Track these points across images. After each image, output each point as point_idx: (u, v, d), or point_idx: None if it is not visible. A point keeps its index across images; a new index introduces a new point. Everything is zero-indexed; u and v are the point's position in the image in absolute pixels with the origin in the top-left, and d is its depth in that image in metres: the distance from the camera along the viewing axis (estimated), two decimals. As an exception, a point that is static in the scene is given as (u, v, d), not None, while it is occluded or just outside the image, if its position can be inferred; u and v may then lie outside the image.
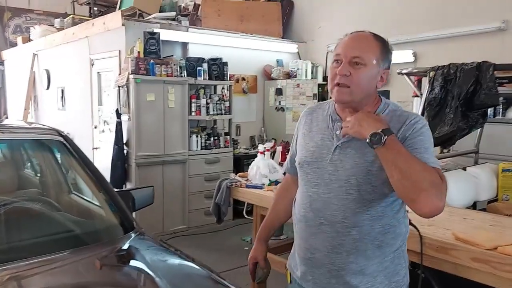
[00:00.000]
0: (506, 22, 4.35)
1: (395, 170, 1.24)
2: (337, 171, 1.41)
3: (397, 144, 1.27)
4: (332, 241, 1.42)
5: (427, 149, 1.32)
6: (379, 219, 1.39)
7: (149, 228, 4.62)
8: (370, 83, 1.39)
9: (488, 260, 1.84)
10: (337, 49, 1.42)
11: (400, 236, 1.45)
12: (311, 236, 1.47)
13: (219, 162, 5.26)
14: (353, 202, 1.38)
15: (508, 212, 2.73)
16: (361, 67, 1.36)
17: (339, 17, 5.93)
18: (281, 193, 1.78)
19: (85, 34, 5.54)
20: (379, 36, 1.43)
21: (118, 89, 4.72)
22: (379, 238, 1.40)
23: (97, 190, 2.16)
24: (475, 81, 2.52)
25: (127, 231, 2.00)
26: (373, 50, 1.38)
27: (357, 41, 1.40)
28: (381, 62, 1.40)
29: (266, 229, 1.79)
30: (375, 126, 1.28)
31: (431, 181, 1.22)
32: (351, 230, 1.39)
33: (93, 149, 5.51)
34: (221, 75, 5.26)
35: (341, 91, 1.38)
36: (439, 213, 1.24)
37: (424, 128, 1.36)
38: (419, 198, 1.22)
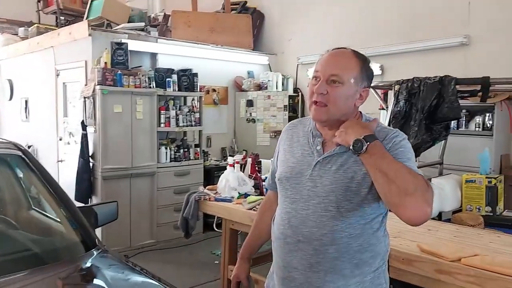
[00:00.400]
0: (468, 37, 4.51)
1: (379, 174, 1.23)
2: (316, 187, 1.39)
3: (381, 149, 1.27)
4: (309, 259, 1.39)
5: (409, 159, 1.33)
6: (357, 237, 1.37)
7: (116, 244, 4.57)
8: (348, 101, 1.39)
9: (452, 271, 1.86)
10: (316, 66, 1.42)
11: (380, 255, 1.42)
12: (288, 254, 1.44)
13: (189, 174, 5.18)
14: (332, 219, 1.36)
15: (472, 222, 2.79)
16: (339, 86, 1.36)
17: (309, 30, 6.01)
18: (264, 210, 1.74)
19: (50, 44, 5.40)
20: (359, 54, 1.43)
21: (84, 100, 4.60)
22: (357, 256, 1.37)
23: (58, 206, 2.07)
24: (438, 94, 2.58)
25: (89, 248, 1.92)
26: (352, 69, 1.38)
27: (336, 59, 1.40)
28: (359, 81, 1.40)
29: (248, 247, 1.76)
30: (359, 133, 1.28)
31: (417, 185, 1.20)
32: (328, 248, 1.36)
33: (58, 162, 5.34)
34: (191, 86, 5.22)
35: (318, 110, 1.38)
36: (426, 219, 1.22)
37: (404, 141, 1.37)
38: (405, 202, 1.19)
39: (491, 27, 4.35)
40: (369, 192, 1.33)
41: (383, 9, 5.23)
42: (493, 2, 4.34)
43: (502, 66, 4.06)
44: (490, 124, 4.02)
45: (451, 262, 1.88)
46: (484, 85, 2.67)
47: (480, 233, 2.43)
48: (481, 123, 4.08)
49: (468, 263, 1.84)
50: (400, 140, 1.35)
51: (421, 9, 4.88)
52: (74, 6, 6.83)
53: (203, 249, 4.81)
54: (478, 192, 3.06)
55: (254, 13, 6.50)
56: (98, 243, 1.99)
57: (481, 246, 2.13)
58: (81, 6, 6.70)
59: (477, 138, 4.05)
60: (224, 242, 3.02)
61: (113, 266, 1.91)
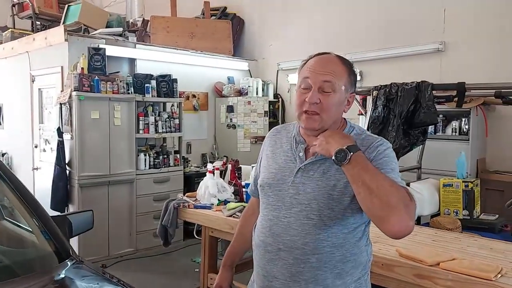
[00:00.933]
0: (443, 43, 4.60)
1: (362, 187, 1.20)
2: (298, 194, 1.37)
3: (364, 160, 1.24)
4: (290, 269, 1.36)
5: (393, 169, 1.30)
6: (340, 247, 1.34)
7: (93, 253, 4.47)
8: (339, 109, 1.38)
9: (430, 276, 1.87)
10: (304, 73, 1.38)
11: (361, 265, 1.40)
12: (269, 263, 1.41)
13: (169, 181, 5.12)
14: (314, 228, 1.33)
15: (450, 226, 2.82)
16: (331, 94, 1.34)
17: (289, 36, 6.04)
18: (247, 216, 1.71)
19: (25, 49, 5.28)
20: (345, 59, 1.41)
21: (60, 107, 4.50)
22: (339, 266, 1.35)
23: (30, 216, 2.00)
24: (415, 100, 2.61)
25: (63, 259, 1.86)
26: (342, 76, 1.36)
27: (326, 66, 1.37)
28: (348, 87, 1.39)
29: (231, 255, 1.72)
30: (341, 143, 1.26)
31: (400, 199, 1.18)
32: (310, 257, 1.34)
33: (33, 170, 5.21)
34: (170, 92, 5.17)
35: (311, 119, 1.35)
36: (409, 233, 1.19)
37: (388, 150, 1.35)
38: (389, 216, 1.16)
39: (466, 34, 4.45)
40: (351, 201, 1.31)
41: (362, 16, 5.30)
42: (468, 10, 4.44)
43: (477, 72, 4.16)
44: (466, 128, 4.10)
45: (430, 267, 1.89)
46: (459, 91, 2.71)
47: (458, 236, 2.46)
48: (457, 128, 4.16)
49: (446, 267, 1.86)
50: (384, 149, 1.34)
51: (398, 16, 4.96)
52: (51, 11, 6.68)
53: (184, 257, 4.74)
54: (455, 196, 3.09)
55: (234, 19, 6.50)
56: (72, 254, 1.93)
57: (459, 250, 2.15)
58: (58, 11, 6.57)
59: (454, 142, 4.12)
60: (204, 250, 2.97)
61: (87, 277, 1.86)
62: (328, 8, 5.64)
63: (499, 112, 4.23)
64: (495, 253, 2.09)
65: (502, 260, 1.97)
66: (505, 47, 4.18)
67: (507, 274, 1.79)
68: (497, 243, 2.28)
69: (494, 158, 4.23)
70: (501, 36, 4.21)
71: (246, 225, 1.68)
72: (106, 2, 8.32)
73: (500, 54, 4.20)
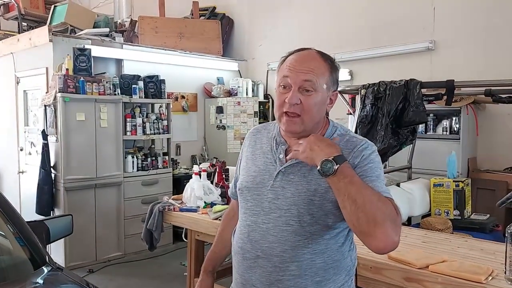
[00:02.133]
0: (433, 42, 4.57)
1: (348, 201, 1.13)
2: (277, 199, 1.29)
3: (350, 172, 1.16)
4: (269, 277, 1.29)
5: (378, 177, 1.23)
6: (321, 253, 1.27)
7: (80, 258, 4.38)
8: (321, 109, 1.29)
9: (420, 279, 1.83)
10: (283, 71, 1.30)
11: (344, 270, 1.33)
12: (247, 270, 1.34)
13: (158, 183, 5.04)
14: (293, 234, 1.26)
15: (440, 226, 2.78)
16: (312, 94, 1.25)
17: (279, 35, 5.99)
18: (227, 220, 1.63)
19: (10, 50, 5.17)
20: (326, 55, 1.32)
21: (45, 109, 4.41)
22: (320, 273, 1.28)
23: (3, 222, 1.92)
24: (404, 98, 2.56)
25: (39, 266, 1.79)
26: (323, 74, 1.28)
27: (306, 64, 1.27)
28: (330, 85, 1.30)
29: (211, 260, 1.64)
30: (326, 153, 1.17)
31: (387, 214, 1.12)
32: (289, 265, 1.27)
33: (19, 173, 5.10)
34: (158, 93, 5.09)
35: (292, 121, 1.27)
36: (394, 249, 1.14)
37: (373, 155, 1.27)
38: (375, 232, 1.10)
39: (455, 32, 4.42)
40: (333, 206, 1.24)
41: (352, 15, 5.26)
42: (457, 8, 4.42)
43: (467, 70, 4.14)
44: (457, 127, 4.07)
45: (419, 270, 1.84)
46: (448, 89, 2.67)
47: (448, 237, 2.41)
48: (448, 127, 4.12)
49: (435, 270, 1.81)
50: (369, 154, 1.26)
51: (388, 15, 4.93)
52: (37, 12, 6.59)
53: (172, 261, 4.67)
54: (446, 196, 3.06)
55: (223, 19, 6.44)
56: (48, 261, 1.85)
57: (450, 251, 2.10)
58: (44, 12, 6.47)
59: (445, 141, 4.08)
60: (190, 254, 2.91)
61: (64, 285, 1.78)
62: (317, 7, 5.59)
63: (490, 111, 4.20)
64: (486, 254, 2.05)
65: (493, 261, 1.92)
66: (495, 45, 4.16)
67: (498, 276, 1.74)
68: (488, 244, 2.24)
69: (485, 157, 4.20)
70: (491, 34, 4.19)
71: (226, 229, 1.60)
72: (95, 3, 8.22)
73: (490, 52, 4.18)
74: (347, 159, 1.22)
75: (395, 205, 1.18)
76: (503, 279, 1.71)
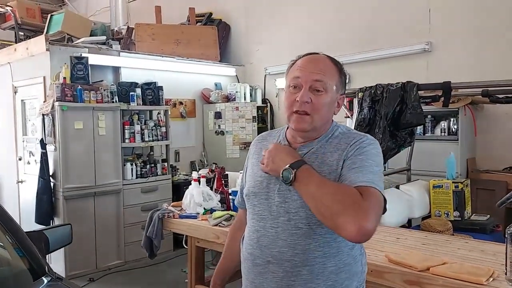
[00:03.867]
0: (430, 44, 4.58)
1: (309, 199, 1.18)
2: (285, 203, 1.29)
3: (309, 173, 1.20)
4: (280, 282, 1.28)
5: (363, 167, 1.22)
6: (332, 257, 1.27)
7: (81, 267, 4.36)
8: (330, 109, 1.32)
9: (420, 282, 1.82)
10: (294, 72, 1.33)
11: (356, 276, 1.33)
12: (257, 277, 1.33)
13: (157, 190, 5.03)
14: (303, 237, 1.26)
15: (440, 228, 2.78)
16: (322, 94, 1.28)
17: (275, 40, 6.00)
18: (235, 230, 1.63)
19: (7, 60, 5.18)
20: (335, 60, 1.37)
21: (43, 118, 4.41)
22: (332, 277, 1.27)
23: (2, 232, 1.91)
24: (401, 101, 2.56)
25: (38, 277, 1.78)
26: (333, 75, 1.32)
27: (317, 65, 1.31)
28: (339, 88, 1.34)
29: (220, 272, 1.63)
30: (285, 161, 1.22)
31: (348, 202, 1.12)
32: (301, 270, 1.26)
33: (17, 183, 5.09)
34: (156, 99, 5.09)
35: (301, 119, 1.29)
36: (368, 234, 1.12)
37: (369, 147, 1.27)
38: (339, 222, 1.11)
39: (452, 33, 4.44)
40: None
41: (348, 19, 5.27)
42: (453, 9, 4.43)
43: (464, 71, 4.14)
44: (455, 128, 4.07)
45: (420, 272, 1.84)
46: (445, 90, 2.67)
47: (449, 239, 2.40)
48: (446, 128, 4.12)
49: (436, 272, 1.80)
50: (364, 146, 1.27)
51: (384, 18, 4.94)
52: (34, 21, 6.61)
53: (173, 267, 4.65)
54: (445, 197, 3.06)
55: (220, 25, 6.45)
56: (48, 271, 1.84)
57: (450, 253, 2.10)
58: (41, 21, 6.49)
59: (443, 143, 4.08)
60: (190, 261, 2.89)
61: (63, 295, 1.77)
62: (314, 11, 5.61)
63: (487, 111, 4.20)
64: (486, 255, 2.04)
65: (494, 262, 1.92)
66: (491, 46, 4.17)
67: (499, 277, 1.73)
68: (488, 244, 2.23)
69: (484, 157, 4.20)
70: (486, 35, 4.20)
71: (234, 240, 1.59)
72: (91, 11, 8.25)
73: (486, 53, 4.19)
74: (344, 151, 1.26)
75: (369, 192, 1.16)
76: (504, 280, 1.70)
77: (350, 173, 1.21)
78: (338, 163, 1.26)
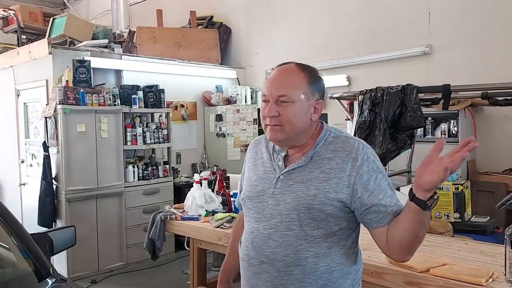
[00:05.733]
0: (429, 46, 4.60)
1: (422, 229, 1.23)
2: (278, 205, 1.32)
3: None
4: (274, 282, 1.32)
5: (386, 189, 1.29)
6: (324, 257, 1.30)
7: (83, 269, 4.39)
8: (303, 118, 1.33)
9: (421, 283, 1.84)
10: (263, 89, 1.37)
11: (350, 274, 1.35)
12: (253, 276, 1.37)
13: (159, 192, 5.05)
14: (295, 238, 1.29)
15: (441, 229, 2.79)
16: (289, 105, 1.30)
17: (276, 42, 6.03)
18: (237, 230, 1.66)
19: (9, 63, 5.21)
20: (306, 66, 1.37)
21: (45, 121, 4.44)
22: (324, 277, 1.30)
23: (7, 234, 1.93)
24: (401, 103, 2.59)
25: (43, 278, 1.80)
26: (299, 85, 1.32)
27: (282, 78, 1.34)
28: (310, 95, 1.34)
29: (226, 271, 1.67)
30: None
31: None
32: (293, 269, 1.29)
33: (20, 185, 5.12)
34: (157, 102, 5.12)
35: (274, 129, 1.32)
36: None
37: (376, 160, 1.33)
38: (409, 256, 1.30)
39: (451, 36, 4.46)
40: (334, 210, 1.27)
41: (348, 21, 5.30)
42: (452, 12, 4.46)
43: (463, 73, 4.15)
44: (455, 130, 4.09)
45: (420, 273, 1.85)
46: (445, 93, 2.69)
47: (449, 241, 2.43)
48: (446, 130, 4.14)
49: (436, 273, 1.82)
50: (373, 160, 1.31)
51: (384, 21, 4.97)
52: (36, 24, 6.64)
53: (175, 269, 4.67)
54: (446, 199, 3.07)
55: (220, 28, 6.48)
56: (53, 272, 1.86)
57: (450, 255, 2.12)
58: (43, 25, 6.52)
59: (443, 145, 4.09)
60: (193, 262, 2.92)
61: (68, 296, 1.79)
62: (314, 14, 5.64)
63: (487, 113, 4.22)
64: (486, 256, 2.06)
65: (493, 263, 1.94)
66: (490, 48, 4.19)
67: (498, 278, 1.75)
68: (488, 246, 2.25)
69: (484, 159, 4.22)
70: (486, 37, 4.22)
71: (237, 239, 1.62)
72: (93, 15, 8.29)
73: (485, 55, 4.21)
74: (345, 162, 1.29)
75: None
76: (503, 281, 1.72)
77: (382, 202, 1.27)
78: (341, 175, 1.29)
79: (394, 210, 1.27)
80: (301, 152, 1.37)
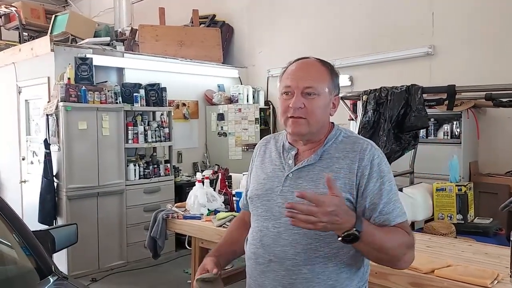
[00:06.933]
0: (433, 47, 4.59)
1: (372, 252, 1.24)
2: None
3: (371, 230, 1.19)
4: (282, 280, 1.30)
5: (390, 197, 1.28)
6: (333, 257, 1.28)
7: (83, 267, 4.38)
8: (325, 112, 1.34)
9: (425, 284, 1.83)
10: (285, 81, 1.35)
11: (357, 276, 1.34)
12: (260, 275, 1.35)
13: (160, 191, 5.04)
14: (305, 237, 1.28)
15: (444, 231, 2.78)
16: (315, 97, 1.30)
17: (278, 42, 6.02)
18: (237, 220, 1.63)
19: (11, 60, 5.20)
20: (325, 62, 1.38)
21: (47, 118, 4.42)
22: (332, 277, 1.29)
23: (10, 231, 1.92)
24: (405, 103, 2.57)
25: (45, 276, 1.79)
26: (324, 78, 1.33)
27: (307, 71, 1.34)
28: (332, 89, 1.35)
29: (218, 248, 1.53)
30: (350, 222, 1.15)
31: (405, 249, 1.26)
32: (302, 268, 1.28)
33: (21, 183, 5.10)
34: (159, 101, 5.10)
35: (298, 122, 1.31)
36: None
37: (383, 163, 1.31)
38: (396, 266, 1.30)
39: (454, 37, 4.45)
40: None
41: (351, 21, 5.29)
42: (456, 13, 4.44)
43: (467, 74, 4.14)
44: (458, 132, 4.08)
45: (424, 274, 1.85)
46: (450, 93, 2.68)
47: (452, 242, 2.41)
48: (449, 131, 4.13)
49: (441, 275, 1.81)
50: (378, 163, 1.29)
51: (387, 21, 4.96)
52: (38, 22, 6.64)
53: (176, 268, 4.66)
54: (448, 200, 3.06)
55: (223, 27, 6.47)
56: (55, 270, 1.85)
57: (454, 256, 2.11)
58: (45, 22, 6.52)
59: (446, 146, 4.09)
60: (194, 262, 2.90)
61: (70, 294, 1.78)
62: (317, 13, 5.63)
63: (490, 115, 4.21)
64: (491, 258, 2.05)
65: (498, 265, 1.93)
66: (494, 49, 4.18)
67: (504, 280, 1.74)
68: (492, 247, 2.24)
69: (487, 160, 4.21)
70: (489, 38, 4.21)
71: (234, 230, 1.59)
72: (95, 12, 8.28)
73: (489, 57, 4.20)
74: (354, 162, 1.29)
75: (408, 228, 1.30)
76: (508, 282, 1.72)
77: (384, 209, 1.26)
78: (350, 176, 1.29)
79: (381, 220, 1.27)
80: (311, 150, 1.36)
